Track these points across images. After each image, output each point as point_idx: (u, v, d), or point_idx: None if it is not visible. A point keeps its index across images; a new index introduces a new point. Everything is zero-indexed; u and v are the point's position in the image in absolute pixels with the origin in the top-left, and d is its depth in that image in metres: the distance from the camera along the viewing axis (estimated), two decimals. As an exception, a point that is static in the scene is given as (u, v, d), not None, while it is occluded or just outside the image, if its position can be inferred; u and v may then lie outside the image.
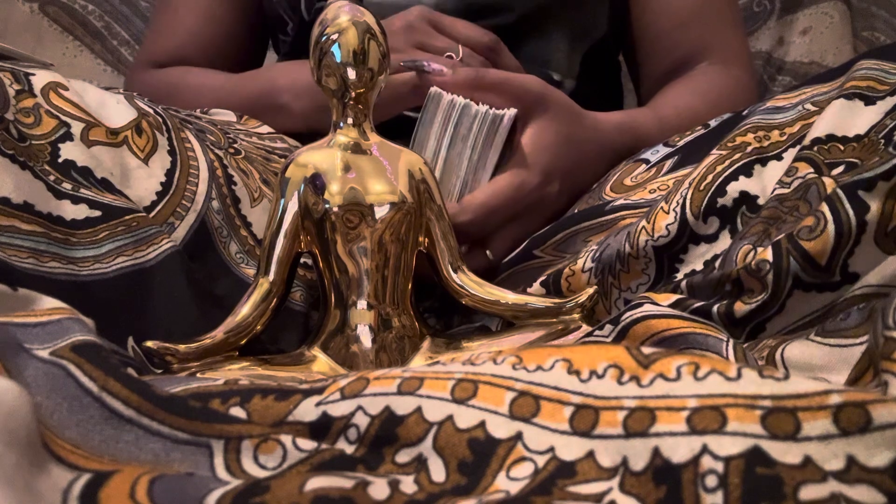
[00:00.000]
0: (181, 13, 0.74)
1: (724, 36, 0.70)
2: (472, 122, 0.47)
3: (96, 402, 0.22)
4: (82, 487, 0.20)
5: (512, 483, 0.20)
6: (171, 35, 0.74)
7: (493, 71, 0.50)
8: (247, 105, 0.61)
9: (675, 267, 0.39)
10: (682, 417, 0.19)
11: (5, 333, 0.24)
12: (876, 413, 0.18)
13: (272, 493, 0.19)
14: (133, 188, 0.41)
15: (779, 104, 0.41)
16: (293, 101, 0.59)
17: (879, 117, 0.35)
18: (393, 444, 0.22)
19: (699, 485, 0.18)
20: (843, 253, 0.31)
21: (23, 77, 0.39)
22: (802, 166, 0.36)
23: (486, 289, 0.41)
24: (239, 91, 0.63)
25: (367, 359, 0.38)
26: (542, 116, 0.50)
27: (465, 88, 0.48)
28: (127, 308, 0.37)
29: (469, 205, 0.47)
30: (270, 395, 0.23)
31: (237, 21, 0.75)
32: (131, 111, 0.43)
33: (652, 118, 0.59)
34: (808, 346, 0.30)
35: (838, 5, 0.93)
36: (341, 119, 0.41)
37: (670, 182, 0.44)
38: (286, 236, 0.40)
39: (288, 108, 0.59)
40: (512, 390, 0.22)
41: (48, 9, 0.91)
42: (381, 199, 0.40)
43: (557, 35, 0.66)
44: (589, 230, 0.46)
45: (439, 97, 0.47)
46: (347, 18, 0.40)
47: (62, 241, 0.36)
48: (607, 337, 0.32)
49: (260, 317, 0.38)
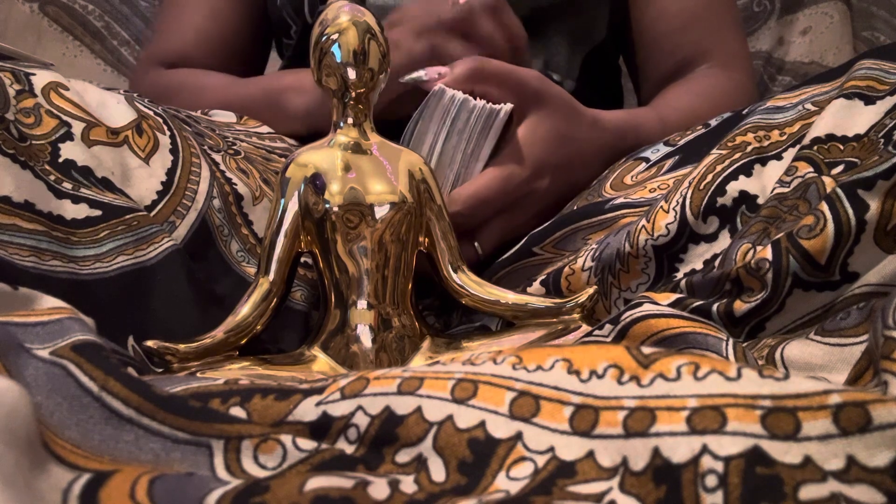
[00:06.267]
0: (188, 13, 0.74)
1: (723, 39, 0.70)
2: (470, 116, 0.47)
3: (96, 402, 0.22)
4: (82, 487, 0.20)
5: (512, 483, 0.20)
6: (178, 34, 0.74)
7: (492, 63, 0.49)
8: (251, 103, 0.61)
9: (675, 266, 0.39)
10: (682, 417, 0.19)
11: (5, 333, 0.24)
12: (876, 413, 0.18)
13: (272, 493, 0.19)
14: (134, 187, 0.41)
15: (779, 104, 0.41)
16: (297, 98, 0.59)
17: (879, 117, 0.35)
18: (393, 443, 0.22)
19: (699, 485, 0.18)
20: (843, 252, 0.31)
21: (23, 77, 0.39)
22: (802, 166, 0.36)
23: (486, 289, 0.41)
24: (244, 90, 0.63)
25: (367, 359, 0.38)
26: (538, 111, 0.50)
27: (465, 83, 0.48)
28: (127, 307, 0.37)
29: (458, 196, 0.47)
30: (270, 395, 0.23)
31: (243, 21, 0.75)
32: (131, 112, 0.43)
33: (654, 118, 0.59)
34: (807, 345, 0.30)
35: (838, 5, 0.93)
36: (341, 119, 0.41)
37: (670, 181, 0.44)
38: (286, 236, 0.40)
39: (292, 105, 0.59)
40: (512, 390, 0.22)
41: (48, 9, 0.91)
42: (381, 199, 0.40)
43: (557, 38, 0.66)
44: (589, 228, 0.46)
45: (441, 93, 0.47)
46: (348, 18, 0.40)
47: (63, 240, 0.36)
48: (607, 337, 0.32)
49: (260, 316, 0.38)
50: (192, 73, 0.71)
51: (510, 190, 0.49)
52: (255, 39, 0.77)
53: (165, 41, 0.75)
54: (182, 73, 0.71)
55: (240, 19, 0.75)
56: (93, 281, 0.36)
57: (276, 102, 0.60)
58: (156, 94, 0.62)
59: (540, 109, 0.50)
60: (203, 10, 0.74)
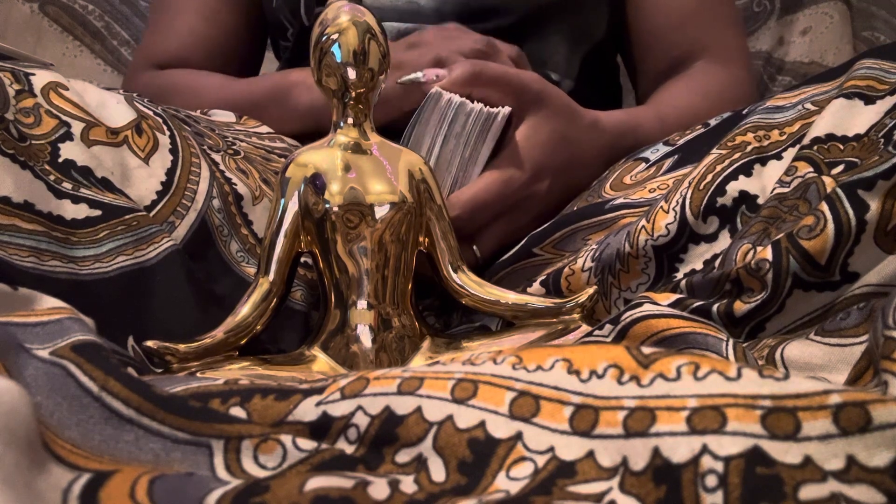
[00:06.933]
0: (182, 14, 0.74)
1: (721, 34, 0.70)
2: (467, 119, 0.47)
3: (96, 402, 0.22)
4: (82, 487, 0.20)
5: (512, 483, 0.20)
6: (172, 35, 0.74)
7: (491, 65, 0.49)
8: (256, 99, 0.61)
9: (675, 266, 0.39)
10: (682, 417, 0.19)
11: (5, 333, 0.24)
12: (876, 413, 0.18)
13: (272, 493, 0.19)
14: (133, 187, 0.41)
15: (779, 103, 0.41)
16: (304, 94, 0.59)
17: (879, 117, 0.35)
18: (393, 443, 0.22)
19: (699, 485, 0.18)
20: (843, 252, 0.31)
21: (23, 77, 0.39)
22: (802, 165, 0.36)
23: (486, 289, 0.41)
24: (248, 87, 0.63)
25: (367, 359, 0.38)
26: (537, 113, 0.50)
27: (463, 85, 0.48)
28: (127, 307, 0.37)
29: (457, 200, 0.47)
30: (270, 395, 0.23)
31: (238, 23, 0.75)
32: (131, 112, 0.43)
33: (653, 117, 0.59)
34: (807, 345, 0.30)
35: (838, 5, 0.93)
36: (341, 119, 0.41)
37: (670, 181, 0.44)
38: (286, 236, 0.40)
39: (298, 101, 0.59)
40: (512, 390, 0.22)
41: (48, 9, 0.91)
42: (381, 199, 0.40)
43: (556, 37, 0.66)
44: (588, 228, 0.46)
45: (438, 96, 0.47)
46: (348, 18, 0.40)
47: (62, 240, 0.36)
48: (607, 337, 0.32)
49: (260, 317, 0.38)
50: (189, 72, 0.70)
51: (509, 193, 0.49)
52: (249, 41, 0.77)
53: (159, 42, 0.74)
54: (178, 73, 0.71)
55: (235, 21, 0.74)
56: (92, 281, 0.36)
57: (283, 98, 0.60)
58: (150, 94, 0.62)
59: (539, 111, 0.50)
60: (197, 12, 0.73)
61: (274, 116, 0.60)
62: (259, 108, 0.60)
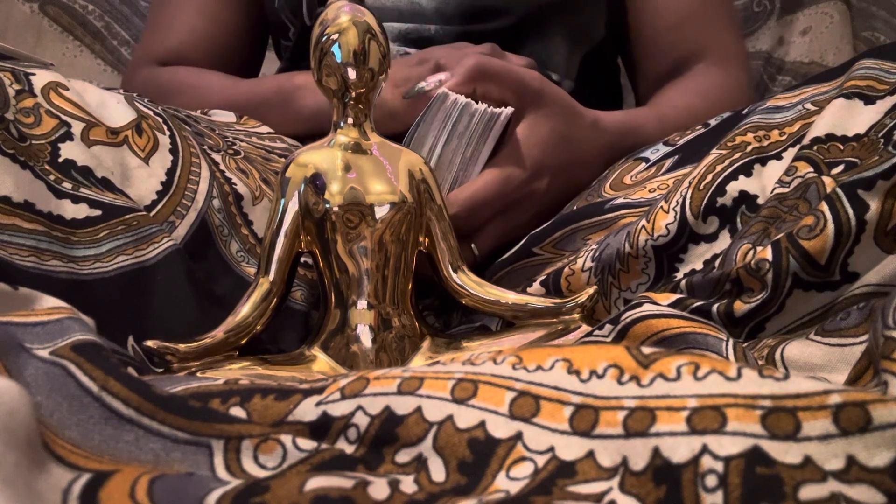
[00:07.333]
0: (182, 12, 0.74)
1: (720, 36, 0.70)
2: (471, 120, 0.47)
3: (96, 402, 0.22)
4: (82, 487, 0.20)
5: (512, 483, 0.20)
6: (172, 32, 0.73)
7: (493, 61, 0.49)
8: (260, 100, 0.61)
9: (675, 266, 0.39)
10: (682, 417, 0.19)
11: (5, 333, 0.24)
12: (876, 413, 0.18)
13: (272, 493, 0.19)
14: (133, 187, 0.41)
15: (778, 103, 0.41)
16: (308, 97, 0.59)
17: (879, 116, 0.35)
18: (393, 443, 0.22)
19: (699, 485, 0.18)
20: (843, 252, 0.31)
21: (23, 77, 0.39)
22: (802, 165, 0.36)
23: (486, 289, 0.41)
24: (253, 87, 0.63)
25: (367, 359, 0.38)
26: (537, 112, 0.50)
27: (467, 83, 0.48)
28: (127, 307, 0.37)
29: (456, 198, 0.47)
30: (270, 395, 0.23)
31: (239, 22, 0.75)
32: (131, 111, 0.43)
33: (653, 118, 0.59)
34: (807, 345, 0.30)
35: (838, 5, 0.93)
36: (342, 119, 0.41)
37: (670, 181, 0.44)
38: (286, 236, 0.40)
39: (302, 104, 0.59)
40: (512, 390, 0.22)
41: (48, 9, 0.91)
42: (381, 199, 0.40)
43: (557, 38, 0.66)
44: (588, 228, 0.46)
45: (444, 97, 0.47)
46: (348, 18, 0.40)
47: (63, 239, 0.36)
48: (607, 337, 0.32)
49: (260, 316, 0.38)
50: (191, 71, 0.70)
51: (508, 191, 0.49)
52: (250, 41, 0.77)
53: (159, 40, 0.74)
54: (180, 70, 0.71)
55: (235, 20, 0.74)
56: (93, 281, 0.36)
57: (288, 101, 0.60)
58: (150, 92, 0.62)
59: (539, 110, 0.50)
60: (198, 10, 0.73)
61: (278, 119, 0.60)
62: (263, 110, 0.60)
